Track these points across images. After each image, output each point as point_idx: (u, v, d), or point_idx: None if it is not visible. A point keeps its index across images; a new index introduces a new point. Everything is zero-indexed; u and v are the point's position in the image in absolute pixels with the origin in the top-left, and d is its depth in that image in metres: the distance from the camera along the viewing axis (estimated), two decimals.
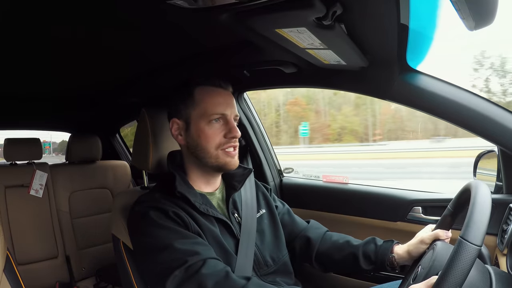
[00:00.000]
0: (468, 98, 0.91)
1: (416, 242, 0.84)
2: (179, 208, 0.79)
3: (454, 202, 0.79)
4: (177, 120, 0.87)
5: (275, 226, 0.96)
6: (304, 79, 1.15)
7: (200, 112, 0.83)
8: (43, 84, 1.38)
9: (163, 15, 0.75)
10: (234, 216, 0.88)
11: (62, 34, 0.86)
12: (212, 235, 0.80)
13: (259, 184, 1.04)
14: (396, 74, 0.95)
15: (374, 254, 0.89)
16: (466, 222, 0.57)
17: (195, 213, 0.80)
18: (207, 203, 0.84)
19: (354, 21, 0.71)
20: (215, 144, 0.83)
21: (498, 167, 1.07)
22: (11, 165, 1.76)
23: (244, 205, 0.92)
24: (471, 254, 0.53)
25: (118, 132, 2.29)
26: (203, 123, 0.83)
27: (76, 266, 1.78)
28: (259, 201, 0.98)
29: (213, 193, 0.90)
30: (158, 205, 0.78)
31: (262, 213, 0.96)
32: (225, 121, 0.84)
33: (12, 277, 0.71)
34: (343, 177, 1.43)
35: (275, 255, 0.91)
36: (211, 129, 0.83)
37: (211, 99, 0.84)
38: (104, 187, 1.93)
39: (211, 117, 0.83)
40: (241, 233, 0.86)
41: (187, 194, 0.80)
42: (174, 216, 0.77)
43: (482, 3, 0.56)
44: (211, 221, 0.82)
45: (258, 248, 0.88)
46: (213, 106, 0.83)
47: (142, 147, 0.96)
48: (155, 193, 0.84)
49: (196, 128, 0.84)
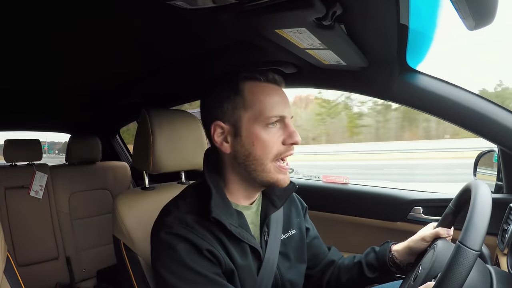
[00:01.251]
0: (468, 98, 0.91)
1: (417, 239, 0.84)
2: (214, 239, 0.68)
3: (456, 200, 0.79)
4: (221, 124, 0.71)
5: (301, 250, 0.86)
6: (304, 80, 1.15)
7: (254, 114, 0.69)
8: (43, 85, 1.38)
9: (163, 15, 0.75)
10: (264, 235, 0.78)
11: (60, 35, 0.86)
12: (245, 271, 0.71)
13: (295, 200, 0.92)
14: (396, 74, 0.95)
15: (375, 260, 0.88)
16: (464, 226, 0.57)
17: (229, 243, 0.70)
18: (243, 224, 0.73)
19: (354, 21, 0.71)
20: (273, 154, 0.69)
21: (498, 166, 1.07)
22: (11, 166, 1.76)
23: (274, 223, 0.80)
24: (469, 260, 0.53)
25: (118, 133, 2.30)
26: (259, 127, 0.69)
27: (76, 267, 1.78)
28: (291, 219, 0.87)
29: (249, 207, 0.78)
30: (190, 237, 0.66)
31: (292, 234, 0.85)
32: (283, 124, 0.71)
33: (12, 278, 0.71)
34: (343, 177, 1.43)
35: (294, 280, 0.82)
36: (268, 135, 0.69)
37: (267, 98, 0.70)
38: (104, 188, 1.93)
39: (269, 120, 0.69)
40: (266, 254, 0.76)
41: (222, 217, 0.68)
42: (209, 254, 0.66)
43: (482, 3, 0.56)
44: (244, 249, 0.72)
45: (280, 271, 0.79)
46: (271, 107, 0.69)
47: (142, 148, 0.96)
48: (187, 214, 0.70)
49: (249, 134, 0.69)
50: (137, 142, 1.00)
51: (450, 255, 0.55)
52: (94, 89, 1.53)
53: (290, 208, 0.88)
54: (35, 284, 1.63)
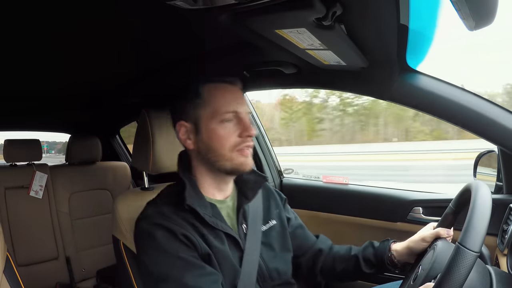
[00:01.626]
0: (468, 98, 0.91)
1: (417, 239, 0.84)
2: (189, 225, 0.74)
3: (456, 201, 0.79)
4: (184, 123, 0.80)
5: (284, 239, 0.91)
6: (304, 80, 1.15)
7: (210, 111, 0.77)
8: (43, 84, 1.38)
9: (162, 15, 0.75)
10: (242, 227, 0.83)
11: (60, 35, 0.86)
12: (221, 254, 0.76)
13: (273, 192, 0.97)
14: (396, 75, 0.95)
15: (373, 256, 0.89)
16: (464, 227, 0.57)
17: (204, 229, 0.75)
18: (217, 215, 0.79)
19: (354, 21, 0.71)
20: (230, 145, 0.76)
21: (498, 167, 1.07)
22: (11, 166, 1.76)
23: (252, 215, 0.86)
24: (468, 261, 0.53)
25: (118, 133, 2.30)
26: (214, 123, 0.77)
27: (76, 267, 1.78)
28: (270, 211, 0.92)
29: (224, 201, 0.84)
30: (166, 224, 0.73)
31: (272, 225, 0.90)
32: (238, 119, 0.78)
33: (12, 278, 0.71)
34: (343, 177, 1.43)
35: (281, 269, 0.86)
36: (224, 130, 0.77)
37: (222, 97, 0.78)
38: (104, 188, 1.93)
39: (224, 116, 0.76)
40: (246, 245, 0.81)
41: (196, 206, 0.75)
42: (184, 238, 0.72)
43: (482, 3, 0.56)
44: (219, 236, 0.77)
45: (264, 260, 0.83)
46: (225, 104, 0.77)
47: (142, 148, 0.96)
48: (164, 206, 0.77)
49: (207, 130, 0.77)
50: (136, 143, 1.00)
51: (450, 256, 0.55)
52: (94, 89, 1.53)
53: (268, 200, 0.93)
54: (35, 284, 1.63)
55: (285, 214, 0.95)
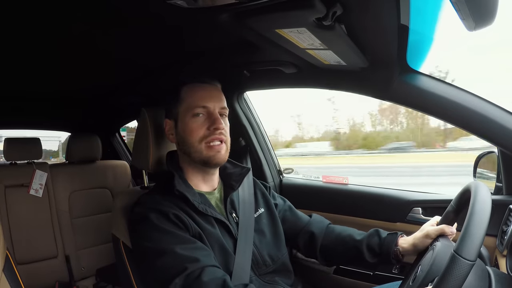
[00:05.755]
0: (468, 99, 0.91)
1: (422, 236, 0.85)
2: (179, 209, 0.79)
3: (457, 200, 0.79)
4: (168, 121, 0.90)
5: (274, 225, 0.96)
6: (304, 80, 1.15)
7: (184, 107, 0.86)
8: (43, 84, 1.39)
9: (163, 15, 0.75)
10: (232, 216, 0.89)
11: (62, 34, 0.86)
12: (212, 236, 0.81)
13: (258, 182, 1.04)
14: (396, 75, 0.95)
15: (379, 246, 0.89)
16: (461, 235, 0.57)
17: (194, 214, 0.81)
18: (206, 202, 0.85)
19: (354, 21, 0.71)
20: (199, 137, 0.84)
21: (498, 168, 1.07)
22: (11, 165, 1.76)
23: (241, 204, 0.92)
24: (463, 270, 0.53)
25: (118, 132, 2.30)
26: (188, 117, 0.85)
27: (75, 265, 1.77)
28: (257, 200, 0.98)
29: (212, 192, 0.91)
30: (158, 207, 0.78)
31: (261, 212, 0.96)
32: (208, 114, 0.85)
33: (11, 276, 0.71)
34: (343, 177, 1.43)
35: (274, 254, 0.91)
36: (194, 123, 0.84)
37: (194, 94, 0.86)
38: (104, 187, 1.93)
39: (194, 111, 0.84)
40: (239, 232, 0.86)
41: (186, 193, 0.81)
42: (175, 218, 0.77)
43: (482, 3, 0.56)
44: (210, 221, 0.83)
45: (257, 247, 0.88)
46: (196, 100, 0.85)
47: (142, 147, 0.96)
48: (155, 194, 0.85)
49: (182, 124, 0.86)
50: (136, 142, 1.00)
51: (445, 264, 0.55)
52: (94, 89, 1.53)
53: (255, 190, 1.00)
54: (34, 283, 1.63)
55: (272, 201, 1.01)
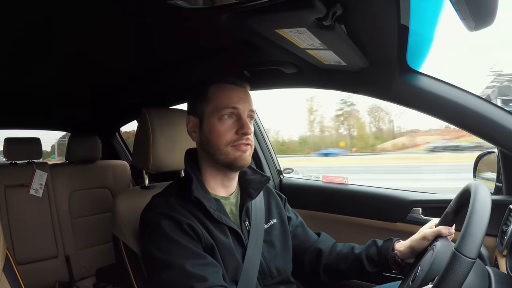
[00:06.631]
0: (468, 99, 0.91)
1: (419, 238, 0.85)
2: (193, 217, 0.77)
3: (456, 200, 0.79)
4: (192, 117, 0.87)
5: (285, 238, 0.93)
6: (304, 80, 1.15)
7: (212, 108, 0.82)
8: (44, 83, 1.38)
9: (163, 15, 0.75)
10: (245, 224, 0.86)
11: (62, 34, 0.86)
12: (224, 247, 0.78)
13: (273, 192, 1.01)
14: (396, 75, 0.95)
15: (377, 255, 0.89)
16: (461, 233, 0.57)
17: (208, 222, 0.78)
18: (221, 209, 0.82)
19: (354, 21, 0.71)
20: (226, 141, 0.81)
21: (498, 168, 1.07)
22: (11, 165, 1.76)
23: (254, 212, 0.89)
24: (464, 268, 0.53)
25: (118, 132, 2.30)
26: (215, 119, 0.81)
27: (75, 265, 1.78)
28: (271, 210, 0.95)
29: (227, 198, 0.88)
30: (171, 213, 0.75)
31: (273, 223, 0.93)
32: (237, 117, 0.82)
33: (11, 276, 0.71)
34: (343, 177, 1.43)
35: (281, 266, 0.88)
36: (222, 126, 0.81)
37: (223, 95, 0.83)
38: (104, 187, 1.93)
39: (222, 112, 0.81)
40: (249, 241, 0.84)
41: (202, 199, 0.78)
42: (188, 228, 0.74)
43: (482, 3, 0.56)
44: (223, 230, 0.80)
45: (265, 258, 0.86)
46: (225, 101, 0.82)
47: (142, 147, 0.96)
48: (170, 197, 0.81)
49: (208, 125, 0.82)
50: (137, 141, 1.00)
51: (446, 262, 0.55)
52: (94, 89, 1.53)
53: (269, 200, 0.97)
54: (34, 283, 1.63)
55: (285, 214, 0.98)
